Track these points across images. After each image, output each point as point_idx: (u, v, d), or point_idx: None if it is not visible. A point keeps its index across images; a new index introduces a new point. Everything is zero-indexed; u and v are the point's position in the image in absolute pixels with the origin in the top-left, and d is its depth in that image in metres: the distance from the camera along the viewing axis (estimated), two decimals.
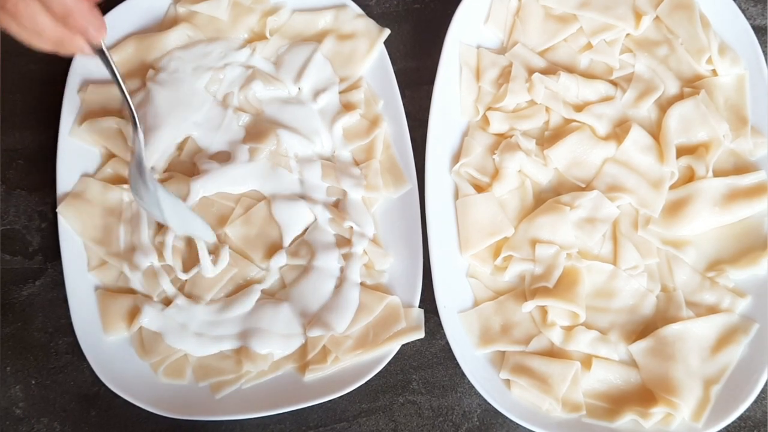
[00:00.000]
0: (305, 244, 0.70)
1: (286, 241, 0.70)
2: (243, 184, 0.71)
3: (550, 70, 0.73)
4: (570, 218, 0.68)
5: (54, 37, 0.55)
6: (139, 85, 0.73)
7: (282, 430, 0.70)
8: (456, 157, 0.72)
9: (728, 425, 0.64)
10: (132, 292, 0.70)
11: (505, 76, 0.73)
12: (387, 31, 0.74)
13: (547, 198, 0.70)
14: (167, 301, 0.69)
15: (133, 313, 0.68)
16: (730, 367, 0.66)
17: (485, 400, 0.65)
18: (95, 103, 0.73)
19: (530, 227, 0.69)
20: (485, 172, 0.71)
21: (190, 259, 0.70)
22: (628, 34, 0.74)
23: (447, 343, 0.66)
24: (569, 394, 0.65)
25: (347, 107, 0.73)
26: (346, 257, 0.69)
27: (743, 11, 0.73)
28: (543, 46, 0.74)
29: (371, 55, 0.74)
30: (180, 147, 0.73)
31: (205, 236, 0.68)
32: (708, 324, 0.66)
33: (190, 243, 0.70)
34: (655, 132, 0.71)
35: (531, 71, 0.72)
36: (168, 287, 0.70)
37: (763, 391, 0.64)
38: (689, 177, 0.70)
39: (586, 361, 0.66)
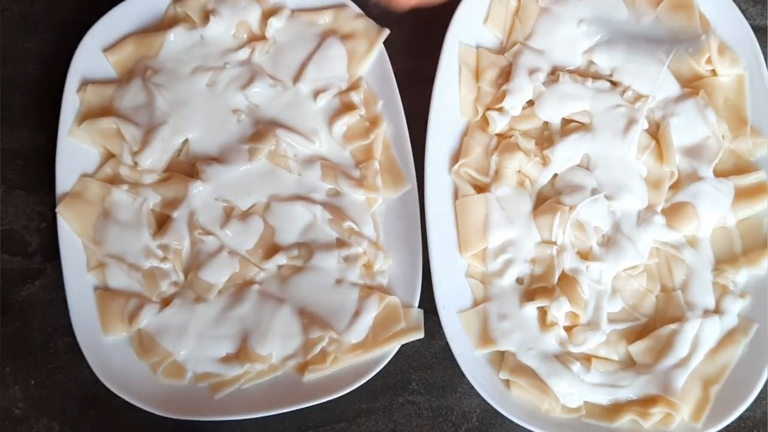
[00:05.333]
0: (305, 245, 0.70)
1: (286, 242, 0.70)
2: (246, 193, 0.71)
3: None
4: (569, 218, 0.68)
5: None
6: (139, 86, 0.73)
7: (281, 430, 0.70)
8: (455, 158, 0.71)
9: (728, 425, 0.64)
10: (131, 292, 0.70)
11: (504, 76, 0.73)
12: (386, 31, 0.74)
13: (546, 198, 0.70)
14: (166, 302, 0.69)
15: (133, 314, 0.68)
16: (729, 367, 0.66)
17: (485, 401, 0.65)
18: (94, 104, 0.73)
19: (530, 227, 0.69)
20: (485, 172, 0.71)
21: (190, 260, 0.70)
22: None
23: (446, 343, 0.66)
24: None
25: (347, 107, 0.73)
26: (346, 258, 0.69)
27: (743, 11, 0.73)
28: None
29: (371, 55, 0.74)
30: (179, 148, 0.73)
31: None
32: (707, 324, 0.66)
33: (191, 244, 0.70)
34: (655, 132, 0.71)
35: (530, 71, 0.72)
36: (167, 288, 0.70)
37: (762, 391, 0.64)
38: (689, 177, 0.70)
39: (586, 361, 0.66)
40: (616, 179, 0.70)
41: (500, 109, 0.72)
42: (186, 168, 0.72)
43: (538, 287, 0.68)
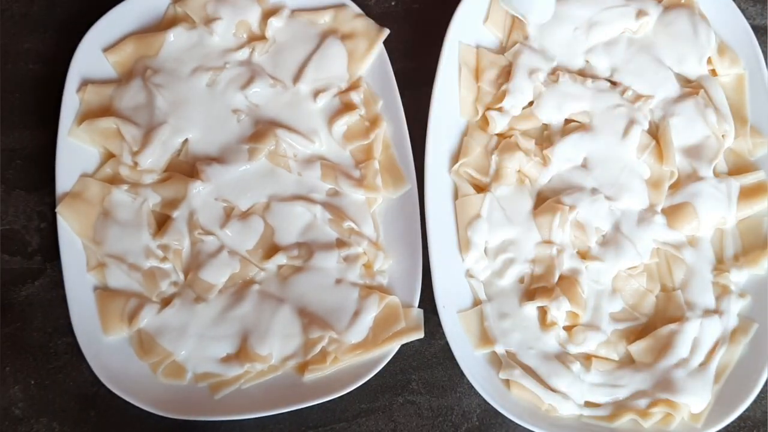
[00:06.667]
0: (304, 245, 0.70)
1: (286, 242, 0.70)
2: (246, 193, 0.71)
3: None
4: (569, 218, 0.68)
5: None
6: (139, 86, 0.73)
7: (281, 430, 0.70)
8: (455, 157, 0.71)
9: (728, 425, 0.64)
10: (131, 292, 0.70)
11: (504, 76, 0.73)
12: (386, 31, 0.74)
13: (546, 198, 0.70)
14: (166, 302, 0.69)
15: (133, 314, 0.68)
16: (729, 367, 0.66)
17: (484, 400, 0.65)
18: (94, 104, 0.73)
19: (530, 227, 0.69)
20: (484, 172, 0.71)
21: (190, 260, 0.70)
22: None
23: (446, 343, 0.66)
24: None
25: (347, 107, 0.73)
26: (346, 257, 0.69)
27: (743, 11, 0.73)
28: None
29: (371, 55, 0.74)
30: (179, 148, 0.73)
31: None
32: (707, 324, 0.66)
33: (191, 244, 0.70)
34: (655, 132, 0.71)
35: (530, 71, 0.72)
36: (167, 288, 0.70)
37: (762, 391, 0.64)
38: (689, 177, 0.70)
39: (586, 361, 0.66)
40: (616, 179, 0.70)
41: (500, 109, 0.72)
42: (186, 168, 0.72)
43: (538, 287, 0.68)
